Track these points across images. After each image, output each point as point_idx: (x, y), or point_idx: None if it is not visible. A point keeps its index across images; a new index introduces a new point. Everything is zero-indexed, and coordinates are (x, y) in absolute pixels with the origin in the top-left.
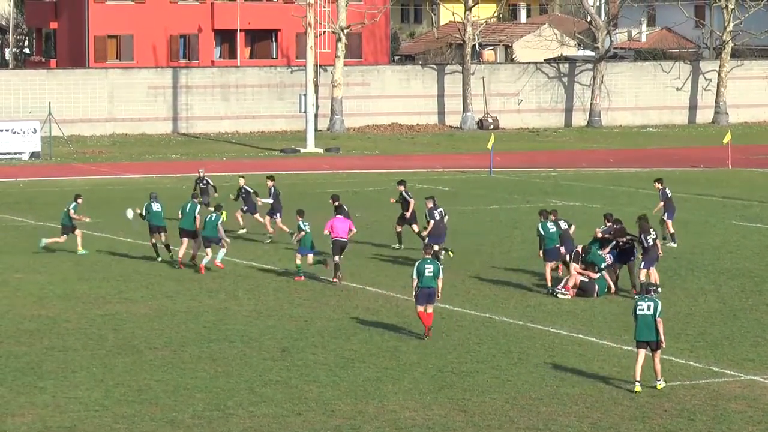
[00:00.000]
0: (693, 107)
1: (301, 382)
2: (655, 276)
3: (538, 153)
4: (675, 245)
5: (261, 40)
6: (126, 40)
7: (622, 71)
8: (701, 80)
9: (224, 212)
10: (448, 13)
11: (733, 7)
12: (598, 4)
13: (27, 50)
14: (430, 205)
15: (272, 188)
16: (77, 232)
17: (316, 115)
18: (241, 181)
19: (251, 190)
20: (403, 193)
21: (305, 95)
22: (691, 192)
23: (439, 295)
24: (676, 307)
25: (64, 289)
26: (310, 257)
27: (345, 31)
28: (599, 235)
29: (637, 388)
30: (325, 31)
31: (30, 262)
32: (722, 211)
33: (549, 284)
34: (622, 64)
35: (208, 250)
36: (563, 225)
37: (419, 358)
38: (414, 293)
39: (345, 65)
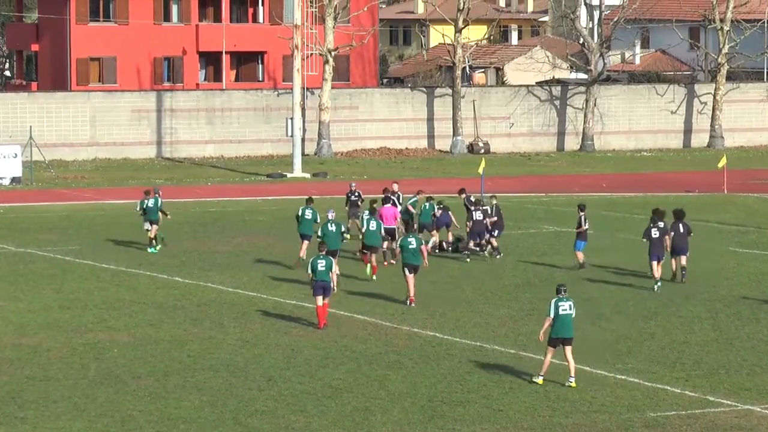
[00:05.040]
0: (688, 131)
1: (287, 412)
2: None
3: (530, 178)
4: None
5: (247, 63)
6: (109, 62)
7: (616, 94)
8: (696, 103)
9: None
10: (437, 35)
11: (728, 29)
12: (590, 25)
13: (8, 73)
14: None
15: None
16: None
17: (303, 140)
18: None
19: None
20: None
21: (292, 119)
22: (686, 218)
23: (335, 288)
24: (672, 336)
25: (45, 317)
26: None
27: (332, 53)
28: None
29: (541, 380)
30: (312, 54)
31: (10, 289)
32: (718, 237)
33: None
34: (615, 87)
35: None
36: None
37: (408, 387)
38: (311, 286)
39: (333, 88)
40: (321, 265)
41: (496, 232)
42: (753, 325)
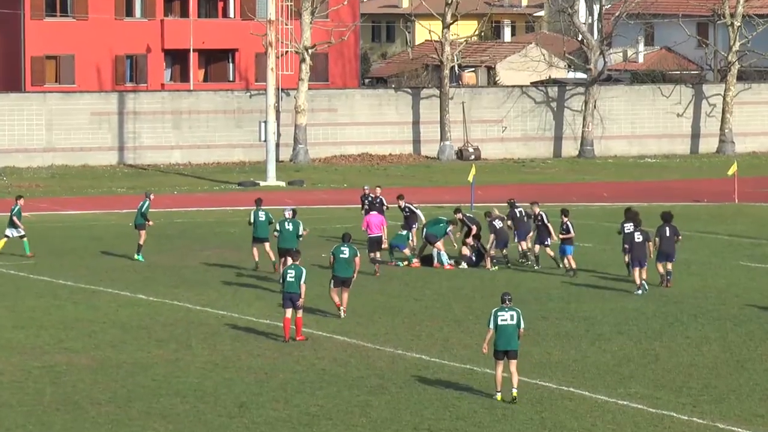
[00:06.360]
0: (695, 135)
1: None
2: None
3: (525, 186)
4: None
5: (216, 62)
6: (66, 61)
7: (617, 95)
8: (704, 105)
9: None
10: (424, 32)
11: (739, 24)
12: (590, 21)
13: None
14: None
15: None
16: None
17: (277, 145)
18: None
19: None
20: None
21: (265, 122)
22: (693, 229)
23: (302, 298)
24: (678, 358)
25: None
26: None
27: (310, 51)
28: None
29: (499, 396)
30: (287, 51)
31: None
32: (728, 250)
33: None
34: (617, 88)
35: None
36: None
37: (392, 414)
38: (282, 297)
39: (310, 89)
40: (290, 275)
41: (548, 240)
42: (766, 346)
